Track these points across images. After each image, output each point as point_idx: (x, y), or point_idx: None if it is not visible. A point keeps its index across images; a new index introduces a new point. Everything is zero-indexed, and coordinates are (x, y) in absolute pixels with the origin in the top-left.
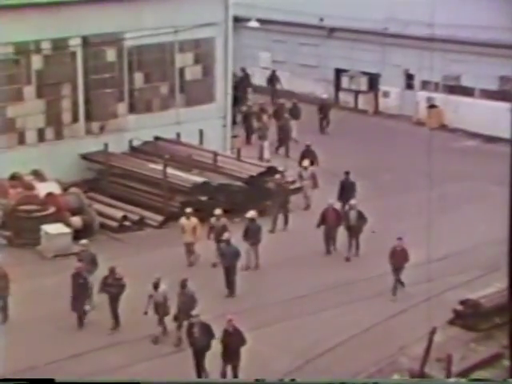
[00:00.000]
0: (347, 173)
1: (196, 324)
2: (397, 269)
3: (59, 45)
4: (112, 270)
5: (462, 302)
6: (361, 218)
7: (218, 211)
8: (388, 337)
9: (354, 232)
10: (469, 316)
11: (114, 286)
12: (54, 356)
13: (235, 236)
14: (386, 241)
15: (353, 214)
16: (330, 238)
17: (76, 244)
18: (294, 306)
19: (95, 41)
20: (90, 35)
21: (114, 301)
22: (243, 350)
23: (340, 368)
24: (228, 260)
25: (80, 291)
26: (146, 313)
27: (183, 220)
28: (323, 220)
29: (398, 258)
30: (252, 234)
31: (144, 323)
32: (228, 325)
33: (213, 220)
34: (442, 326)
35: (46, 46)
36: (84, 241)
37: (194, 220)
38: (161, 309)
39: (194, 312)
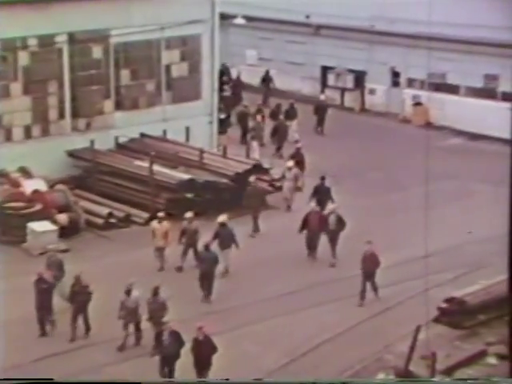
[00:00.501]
0: (323, 178)
1: (165, 331)
2: (368, 274)
3: (46, 41)
4: (77, 278)
5: (447, 300)
6: (339, 222)
7: (188, 214)
8: (373, 334)
9: (331, 236)
10: (454, 314)
11: (80, 295)
12: (40, 353)
13: None
14: (371, 237)
15: (332, 219)
16: (312, 243)
17: (62, 241)
18: (276, 305)
19: (82, 37)
20: (76, 32)
21: (81, 310)
22: (229, 350)
23: (326, 366)
24: (206, 266)
25: (44, 297)
26: (119, 317)
27: (154, 224)
28: (305, 225)
29: (369, 263)
30: (223, 239)
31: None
32: (198, 333)
33: (184, 223)
34: (427, 323)
35: (32, 42)
36: (52, 246)
37: (165, 224)
38: (132, 315)
39: (164, 319)
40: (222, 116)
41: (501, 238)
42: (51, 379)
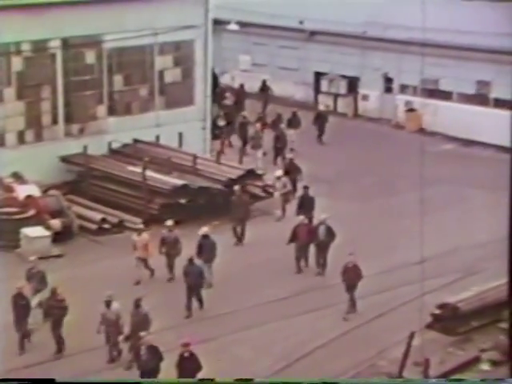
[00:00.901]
0: (306, 187)
1: (143, 346)
2: (349, 287)
3: (39, 47)
4: (54, 292)
5: (440, 306)
6: (329, 233)
7: (169, 222)
8: (367, 340)
9: (320, 248)
10: (447, 320)
11: (55, 309)
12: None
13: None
14: (365, 243)
15: (322, 230)
16: (301, 256)
17: (56, 246)
18: (269, 311)
19: (75, 43)
20: (69, 37)
21: (56, 324)
22: (222, 355)
23: (319, 371)
24: (192, 279)
25: (21, 313)
26: (99, 331)
27: (134, 236)
28: (294, 236)
29: (351, 275)
30: (205, 251)
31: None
32: (184, 349)
33: (164, 232)
34: (421, 329)
35: (26, 47)
36: (32, 258)
37: (145, 236)
38: (113, 328)
39: (143, 333)
40: (222, 123)
41: (494, 244)
42: (52, 379)
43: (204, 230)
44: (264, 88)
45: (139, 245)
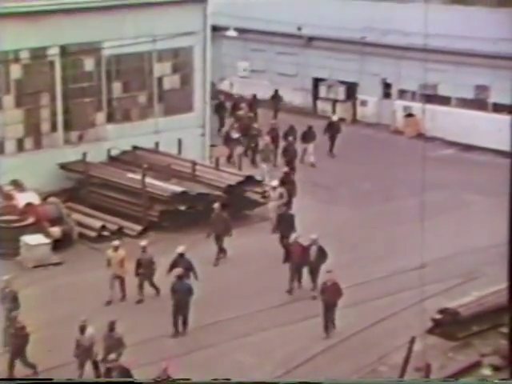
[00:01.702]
0: (286, 204)
1: (115, 369)
2: (329, 306)
3: (38, 54)
4: (14, 319)
5: (441, 311)
6: (321, 253)
7: (143, 243)
8: (368, 346)
9: (312, 268)
10: (447, 325)
11: (15, 337)
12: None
13: (210, 248)
14: (365, 249)
15: (313, 250)
16: (294, 275)
17: (55, 254)
18: (267, 318)
19: (74, 50)
20: (68, 44)
21: (16, 353)
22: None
23: (320, 377)
24: (179, 296)
25: None
26: (77, 356)
27: (110, 252)
28: (289, 255)
29: (330, 294)
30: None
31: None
32: (163, 374)
33: (140, 253)
34: (421, 334)
35: (24, 55)
36: (6, 277)
37: (121, 252)
38: (85, 354)
39: (111, 356)
40: (236, 135)
41: (494, 248)
42: (51, 379)
43: (181, 248)
44: (275, 97)
45: (114, 261)
